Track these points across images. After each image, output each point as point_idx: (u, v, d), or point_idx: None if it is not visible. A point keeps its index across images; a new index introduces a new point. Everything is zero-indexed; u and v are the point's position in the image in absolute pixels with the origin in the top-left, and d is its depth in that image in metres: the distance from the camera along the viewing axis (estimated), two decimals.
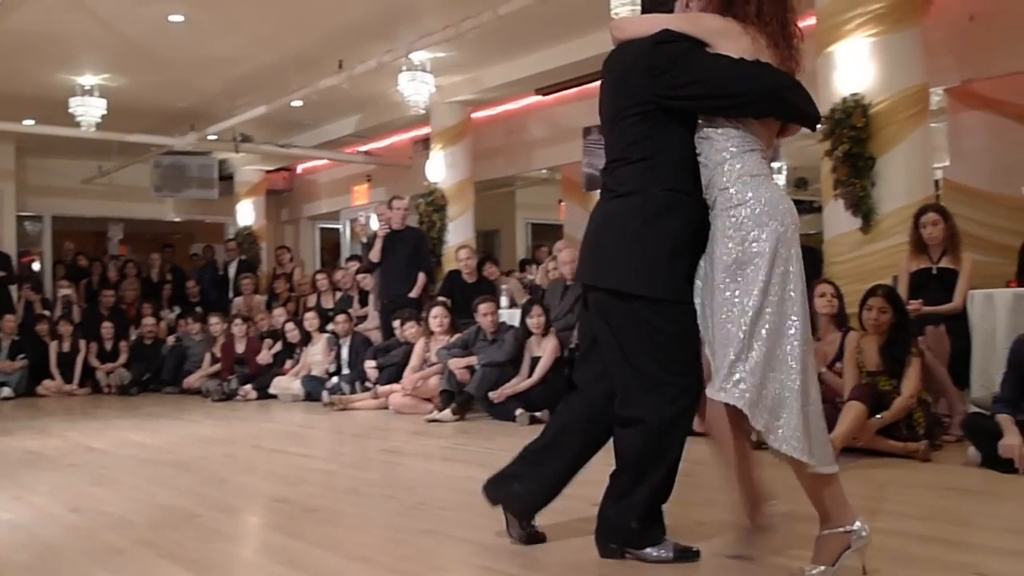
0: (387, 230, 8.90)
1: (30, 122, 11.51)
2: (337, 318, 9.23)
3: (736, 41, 2.69)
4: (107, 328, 11.22)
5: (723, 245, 2.66)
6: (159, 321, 11.77)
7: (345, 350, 9.05)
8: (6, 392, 10.18)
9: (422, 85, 9.46)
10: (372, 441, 6.36)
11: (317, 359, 9.24)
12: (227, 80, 10.63)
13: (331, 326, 9.31)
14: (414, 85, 9.40)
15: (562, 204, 13.03)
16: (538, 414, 6.67)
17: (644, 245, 2.77)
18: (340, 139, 13.22)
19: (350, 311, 9.70)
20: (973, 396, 5.27)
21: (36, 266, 14.66)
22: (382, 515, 3.73)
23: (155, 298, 12.57)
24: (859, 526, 2.60)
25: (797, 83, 2.76)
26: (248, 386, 9.47)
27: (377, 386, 8.17)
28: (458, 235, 11.00)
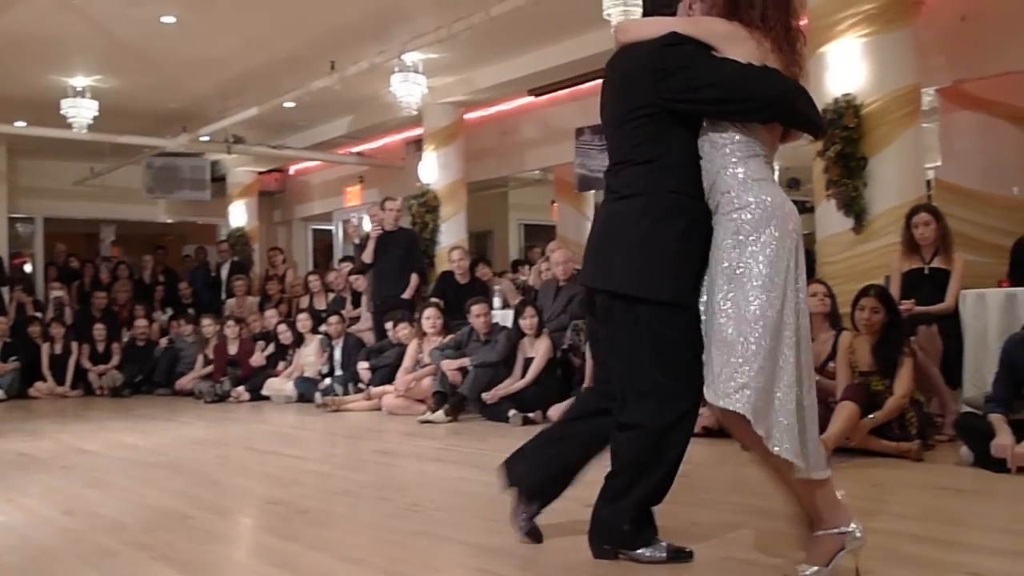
0: (380, 231, 8.90)
1: (21, 124, 11.49)
2: (330, 319, 9.22)
3: (742, 45, 2.67)
4: (99, 330, 11.18)
5: (724, 249, 2.65)
6: (151, 323, 11.74)
7: (338, 351, 9.03)
8: None
9: (414, 86, 9.44)
10: (365, 442, 6.34)
11: (310, 360, 9.24)
12: (219, 81, 10.60)
13: (324, 327, 9.30)
14: (406, 86, 9.38)
15: (555, 205, 13.02)
16: (531, 415, 6.68)
17: (648, 247, 2.75)
18: (332, 140, 13.21)
19: (343, 312, 9.70)
20: (965, 396, 5.28)
21: (28, 268, 14.63)
22: (375, 516, 3.73)
23: (147, 300, 12.55)
24: (854, 527, 2.59)
25: (802, 89, 2.75)
26: (241, 388, 9.45)
27: (370, 387, 8.17)
28: (451, 236, 10.97)
